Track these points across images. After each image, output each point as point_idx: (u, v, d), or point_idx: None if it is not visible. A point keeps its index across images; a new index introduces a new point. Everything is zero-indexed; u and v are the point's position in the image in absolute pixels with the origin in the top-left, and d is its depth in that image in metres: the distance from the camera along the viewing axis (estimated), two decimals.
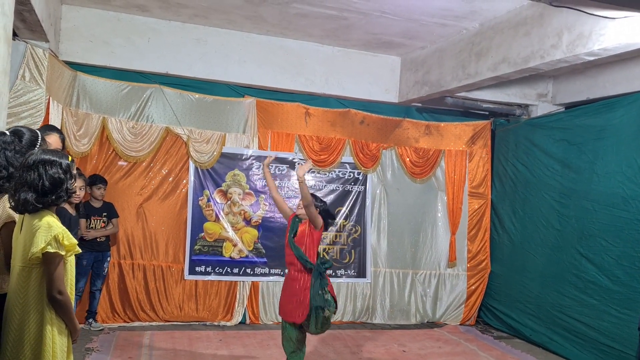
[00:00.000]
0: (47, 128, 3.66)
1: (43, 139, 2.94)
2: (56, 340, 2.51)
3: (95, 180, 5.79)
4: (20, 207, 2.50)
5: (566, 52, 4.60)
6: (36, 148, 2.81)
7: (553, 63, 4.83)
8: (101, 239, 5.78)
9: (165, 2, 5.47)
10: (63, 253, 2.48)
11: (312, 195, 4.39)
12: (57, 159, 2.55)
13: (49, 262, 2.45)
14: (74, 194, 2.64)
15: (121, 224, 6.03)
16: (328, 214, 4.51)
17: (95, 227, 5.76)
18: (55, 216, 2.57)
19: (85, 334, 5.51)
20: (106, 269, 5.88)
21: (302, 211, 4.35)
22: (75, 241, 2.56)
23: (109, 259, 5.88)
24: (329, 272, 6.72)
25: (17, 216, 2.64)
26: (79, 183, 5.19)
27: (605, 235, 5.42)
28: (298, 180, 4.23)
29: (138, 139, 6.09)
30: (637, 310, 4.92)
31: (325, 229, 4.48)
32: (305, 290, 4.25)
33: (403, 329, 6.79)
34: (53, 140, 3.45)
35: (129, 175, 6.15)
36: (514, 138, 6.92)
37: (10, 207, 2.57)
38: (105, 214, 5.84)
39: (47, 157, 2.54)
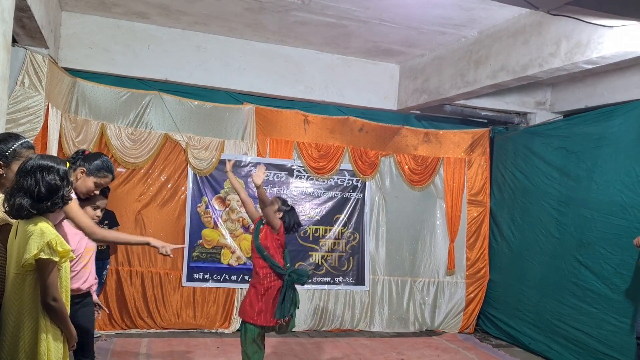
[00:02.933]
0: (104, 168, 3.38)
1: (27, 147, 2.85)
2: (51, 347, 2.48)
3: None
4: (15, 212, 2.47)
5: (564, 60, 4.61)
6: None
7: (551, 71, 4.84)
8: (102, 247, 5.75)
9: (166, 9, 5.49)
10: (57, 259, 2.45)
11: (278, 197, 4.49)
12: (55, 165, 2.54)
13: (42, 268, 2.43)
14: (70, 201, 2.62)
15: (120, 231, 6.01)
16: (293, 217, 4.48)
17: None
18: (49, 222, 2.54)
19: None
20: (105, 277, 5.87)
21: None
22: (69, 247, 2.53)
23: (108, 266, 5.88)
24: (326, 279, 6.76)
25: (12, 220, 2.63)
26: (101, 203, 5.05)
27: (604, 244, 5.41)
28: (256, 186, 4.24)
29: (137, 145, 6.10)
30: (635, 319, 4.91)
31: (288, 232, 4.46)
32: (276, 298, 4.26)
33: (401, 337, 6.76)
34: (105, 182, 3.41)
35: (128, 182, 6.14)
36: (512, 146, 6.93)
37: (4, 212, 2.55)
38: (106, 222, 5.81)
39: (44, 162, 2.52)
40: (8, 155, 2.72)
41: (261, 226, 4.42)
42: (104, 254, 5.80)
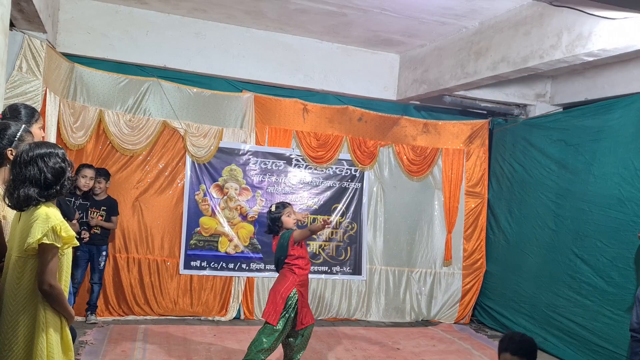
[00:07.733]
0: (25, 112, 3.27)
1: (27, 132, 2.89)
2: (50, 331, 2.49)
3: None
4: (22, 203, 2.47)
5: (565, 52, 4.60)
6: (16, 137, 2.81)
7: (552, 63, 4.82)
8: (96, 231, 5.71)
9: None
10: (59, 245, 2.46)
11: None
12: (53, 150, 2.54)
13: (44, 253, 2.43)
14: (76, 182, 2.62)
15: (118, 219, 6.01)
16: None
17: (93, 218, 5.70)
18: (54, 207, 2.55)
19: (79, 327, 5.49)
20: (102, 263, 5.80)
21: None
22: (73, 233, 2.54)
23: (104, 253, 5.82)
24: (323, 268, 6.80)
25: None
26: (88, 173, 5.50)
27: (600, 237, 5.42)
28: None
29: (135, 132, 6.07)
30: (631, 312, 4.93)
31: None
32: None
33: (398, 326, 6.80)
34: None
35: (126, 169, 6.12)
36: (511, 138, 6.92)
37: (7, 206, 2.54)
38: (104, 208, 5.78)
39: (42, 150, 2.52)
40: (16, 139, 2.80)
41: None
42: (97, 239, 5.69)
